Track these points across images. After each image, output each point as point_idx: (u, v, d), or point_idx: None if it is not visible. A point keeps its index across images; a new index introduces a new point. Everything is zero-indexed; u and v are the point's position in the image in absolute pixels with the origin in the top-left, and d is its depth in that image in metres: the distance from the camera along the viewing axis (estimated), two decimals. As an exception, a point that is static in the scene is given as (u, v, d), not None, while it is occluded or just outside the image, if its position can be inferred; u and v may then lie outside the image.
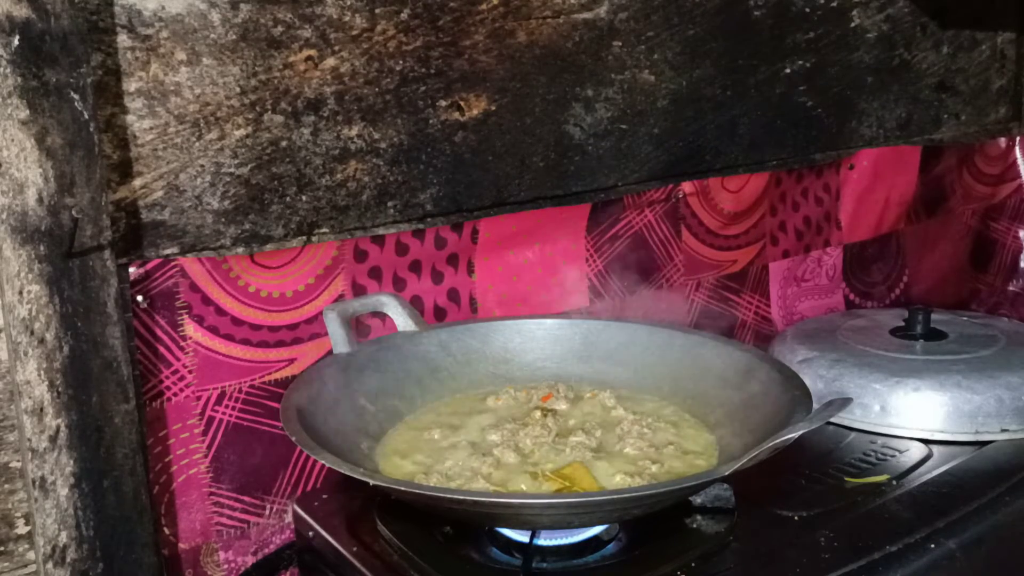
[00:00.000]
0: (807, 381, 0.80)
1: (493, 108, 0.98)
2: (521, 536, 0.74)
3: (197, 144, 0.82)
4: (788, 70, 1.21)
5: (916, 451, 0.91)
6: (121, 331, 0.73)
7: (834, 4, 1.23)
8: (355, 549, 0.77)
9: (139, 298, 0.80)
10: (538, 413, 0.87)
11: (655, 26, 1.08)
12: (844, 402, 0.69)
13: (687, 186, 1.12)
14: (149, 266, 0.80)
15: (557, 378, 0.94)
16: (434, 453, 0.82)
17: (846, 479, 0.86)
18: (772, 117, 1.21)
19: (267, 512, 0.89)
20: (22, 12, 0.66)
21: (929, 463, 0.89)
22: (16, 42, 0.66)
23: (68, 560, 0.72)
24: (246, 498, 0.87)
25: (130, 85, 0.78)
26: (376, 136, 0.92)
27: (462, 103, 0.96)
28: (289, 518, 0.89)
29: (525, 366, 0.95)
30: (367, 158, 0.91)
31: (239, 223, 0.86)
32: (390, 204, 0.94)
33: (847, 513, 0.80)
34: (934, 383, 0.95)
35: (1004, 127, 1.49)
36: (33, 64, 0.67)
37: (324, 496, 0.87)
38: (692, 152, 1.14)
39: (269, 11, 0.84)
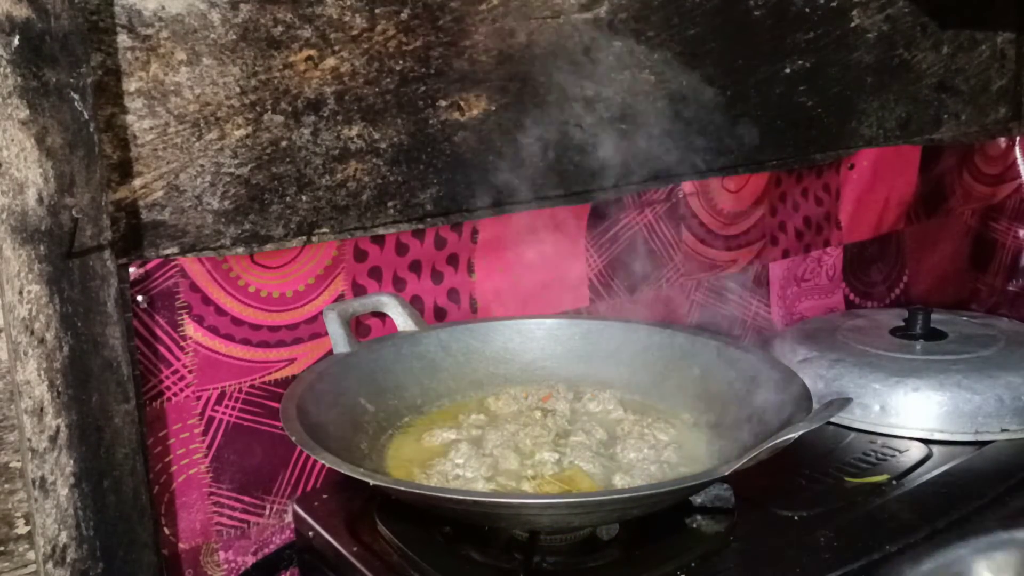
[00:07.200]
0: (807, 381, 0.80)
1: (493, 108, 0.98)
2: (521, 536, 0.74)
3: (197, 144, 0.82)
4: (788, 70, 1.21)
5: (916, 451, 0.91)
6: (121, 331, 0.73)
7: (834, 4, 1.23)
8: (355, 549, 0.77)
9: (139, 298, 0.80)
10: (538, 413, 0.87)
11: (655, 26, 1.08)
12: (844, 402, 0.70)
13: (687, 186, 1.12)
14: (149, 266, 0.80)
15: (557, 378, 0.94)
16: (434, 453, 0.82)
17: (846, 479, 0.86)
18: (772, 117, 1.21)
19: (267, 512, 0.89)
20: (22, 12, 0.66)
21: (929, 463, 0.89)
22: (16, 42, 0.66)
23: (68, 560, 0.72)
24: (246, 498, 0.87)
25: (130, 85, 0.78)
26: (376, 136, 0.92)
27: (462, 103, 0.96)
28: (289, 518, 0.89)
29: (525, 366, 0.95)
30: (367, 158, 0.91)
31: (239, 223, 0.86)
32: (390, 204, 0.94)
33: (847, 513, 0.80)
34: (934, 383, 0.95)
35: (1004, 127, 1.49)
36: (33, 64, 0.67)
37: (324, 496, 0.87)
38: (692, 152, 1.14)
39: (269, 11, 0.84)
